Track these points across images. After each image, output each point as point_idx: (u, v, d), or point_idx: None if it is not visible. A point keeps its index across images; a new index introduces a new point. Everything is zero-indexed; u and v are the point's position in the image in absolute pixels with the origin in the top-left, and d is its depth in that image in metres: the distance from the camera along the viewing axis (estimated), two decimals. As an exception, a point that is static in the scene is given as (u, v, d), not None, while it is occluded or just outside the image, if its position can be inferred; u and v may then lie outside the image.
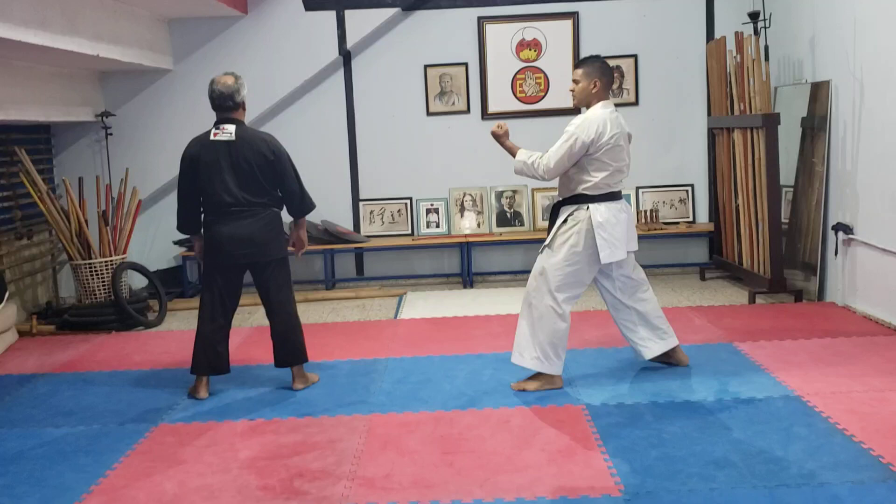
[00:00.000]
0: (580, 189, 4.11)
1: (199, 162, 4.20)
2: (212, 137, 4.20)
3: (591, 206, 4.07)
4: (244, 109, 4.32)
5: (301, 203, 4.37)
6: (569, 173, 4.15)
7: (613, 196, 4.13)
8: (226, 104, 4.22)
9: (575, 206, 4.12)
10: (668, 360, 4.42)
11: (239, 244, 4.19)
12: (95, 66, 6.48)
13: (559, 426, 3.70)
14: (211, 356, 4.30)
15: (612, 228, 4.05)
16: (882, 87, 5.07)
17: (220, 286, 4.30)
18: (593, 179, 4.07)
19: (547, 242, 4.16)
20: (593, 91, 4.17)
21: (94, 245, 6.16)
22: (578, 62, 4.30)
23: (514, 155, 4.30)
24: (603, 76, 4.17)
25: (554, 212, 4.25)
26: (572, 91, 4.25)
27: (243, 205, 4.18)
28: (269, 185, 4.23)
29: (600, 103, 4.16)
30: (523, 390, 4.17)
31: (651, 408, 3.87)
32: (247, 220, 4.19)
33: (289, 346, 4.36)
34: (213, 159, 4.17)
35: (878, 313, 5.19)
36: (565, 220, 4.12)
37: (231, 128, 4.19)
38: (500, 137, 4.34)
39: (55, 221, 6.08)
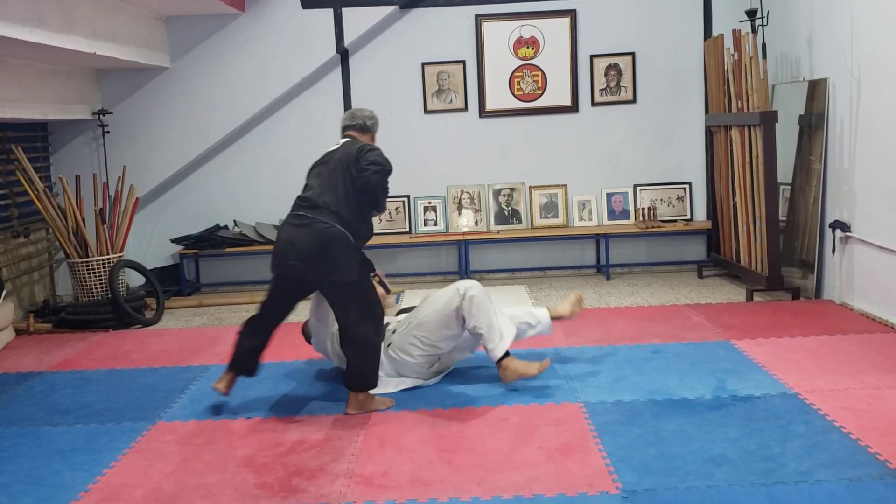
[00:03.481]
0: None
1: None
2: None
3: None
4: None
5: None
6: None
7: None
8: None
9: None
10: None
11: None
12: (92, 63, 6.47)
13: (557, 424, 3.70)
14: None
15: None
16: (879, 84, 5.07)
17: None
18: None
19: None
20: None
21: (92, 243, 6.15)
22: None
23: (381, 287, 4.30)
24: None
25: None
26: None
27: None
28: None
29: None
30: (527, 375, 4.16)
31: (649, 405, 3.87)
32: None
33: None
34: None
35: (876, 311, 5.19)
36: None
37: None
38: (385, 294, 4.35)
39: (52, 220, 6.07)
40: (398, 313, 4.56)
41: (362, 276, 4.01)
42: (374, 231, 5.81)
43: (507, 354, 4.11)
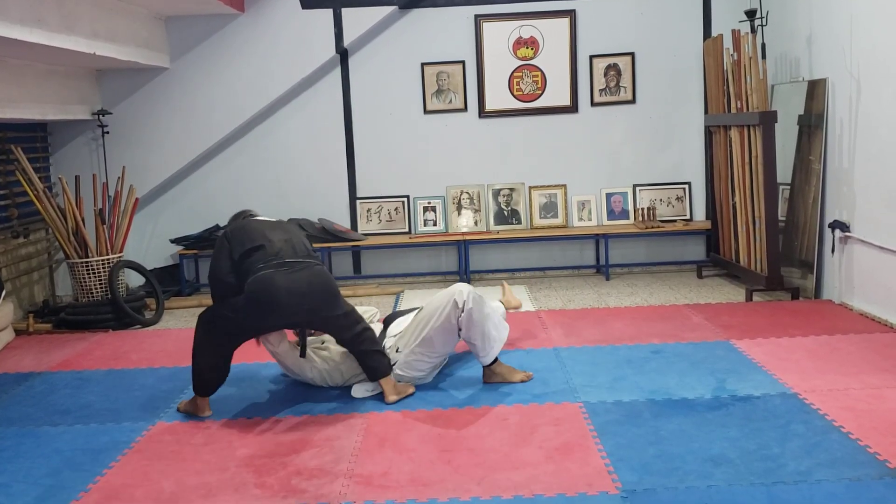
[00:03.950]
0: None
1: None
2: None
3: None
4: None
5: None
6: None
7: None
8: None
9: None
10: None
11: None
12: (92, 64, 6.47)
13: (557, 424, 3.70)
14: None
15: None
16: (879, 84, 5.07)
17: None
18: None
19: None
20: None
21: (91, 243, 6.15)
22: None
23: None
24: None
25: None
26: None
27: None
28: None
29: None
30: (509, 381, 4.27)
31: (648, 405, 3.87)
32: None
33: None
34: None
35: (875, 311, 5.20)
36: None
37: None
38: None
39: (52, 220, 6.07)
40: (393, 316, 4.58)
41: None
42: (373, 231, 5.67)
43: (495, 360, 4.25)
